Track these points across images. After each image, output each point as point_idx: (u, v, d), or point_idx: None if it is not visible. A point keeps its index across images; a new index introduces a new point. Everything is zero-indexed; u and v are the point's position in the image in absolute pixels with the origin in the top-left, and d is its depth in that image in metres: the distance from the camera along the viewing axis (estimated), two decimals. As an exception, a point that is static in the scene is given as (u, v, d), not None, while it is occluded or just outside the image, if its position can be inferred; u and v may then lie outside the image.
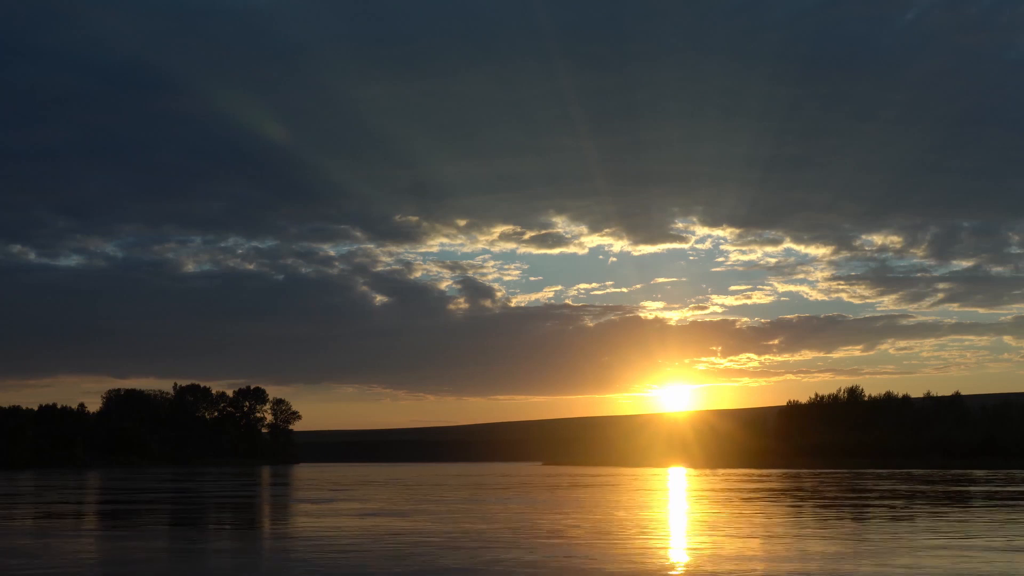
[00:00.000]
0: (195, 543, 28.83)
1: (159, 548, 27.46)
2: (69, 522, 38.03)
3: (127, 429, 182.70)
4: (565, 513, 40.00)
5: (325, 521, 36.29)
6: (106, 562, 24.08)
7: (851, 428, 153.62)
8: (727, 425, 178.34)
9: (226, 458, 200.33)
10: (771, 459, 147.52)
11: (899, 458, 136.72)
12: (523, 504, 47.41)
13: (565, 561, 23.15)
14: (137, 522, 38.05)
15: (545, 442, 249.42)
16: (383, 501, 51.08)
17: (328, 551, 25.26)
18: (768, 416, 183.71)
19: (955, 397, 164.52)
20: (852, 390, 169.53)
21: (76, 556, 25.03)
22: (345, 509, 43.80)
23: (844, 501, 48.68)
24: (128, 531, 33.42)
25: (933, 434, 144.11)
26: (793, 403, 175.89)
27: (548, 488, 68.09)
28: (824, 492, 59.05)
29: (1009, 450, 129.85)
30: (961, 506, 43.91)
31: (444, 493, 60.40)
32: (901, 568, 21.81)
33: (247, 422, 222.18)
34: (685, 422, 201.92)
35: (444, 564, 22.54)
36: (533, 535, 29.66)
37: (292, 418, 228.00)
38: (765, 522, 34.56)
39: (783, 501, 49.12)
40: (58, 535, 31.41)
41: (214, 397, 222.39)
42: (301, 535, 30.65)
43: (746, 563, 22.58)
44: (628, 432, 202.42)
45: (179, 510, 46.39)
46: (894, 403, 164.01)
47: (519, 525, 33.50)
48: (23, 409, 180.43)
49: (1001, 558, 23.76)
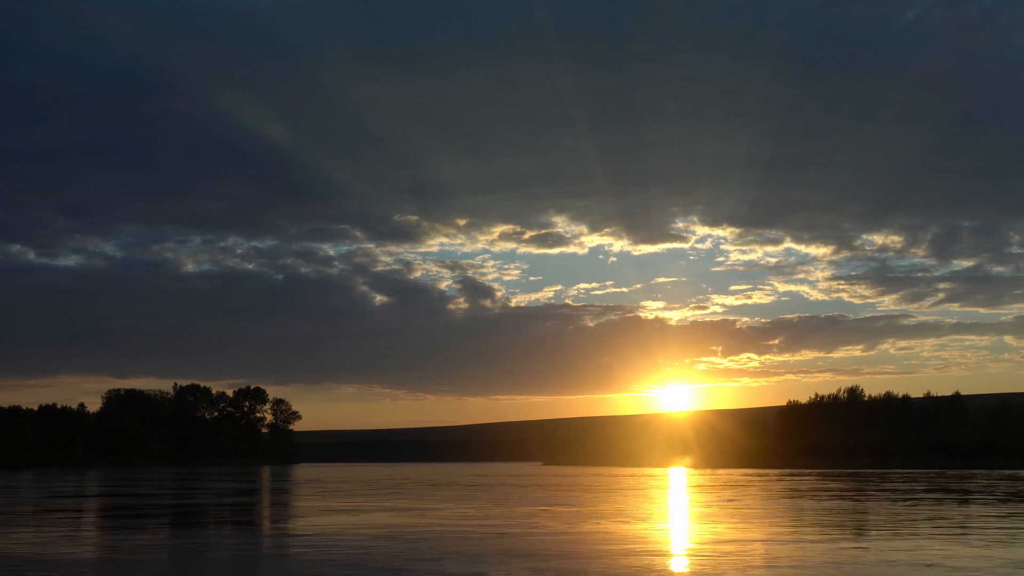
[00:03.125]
0: (198, 543, 28.86)
1: (187, 546, 27.46)
2: (88, 520, 38.05)
3: (127, 429, 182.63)
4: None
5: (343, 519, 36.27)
6: (106, 562, 24.04)
7: (851, 428, 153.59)
8: (727, 425, 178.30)
9: (226, 458, 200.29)
10: (771, 459, 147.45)
11: (899, 458, 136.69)
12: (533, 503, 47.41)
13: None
14: (195, 521, 37.98)
15: (545, 442, 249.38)
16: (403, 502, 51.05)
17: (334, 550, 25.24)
18: (768, 416, 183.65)
19: (955, 397, 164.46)
20: (852, 390, 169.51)
21: (76, 556, 25.02)
22: (370, 507, 43.77)
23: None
24: (180, 530, 33.37)
25: (933, 434, 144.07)
26: (793, 403, 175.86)
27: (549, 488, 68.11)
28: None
29: (1009, 450, 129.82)
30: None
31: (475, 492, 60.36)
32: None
33: (247, 422, 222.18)
34: (685, 422, 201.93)
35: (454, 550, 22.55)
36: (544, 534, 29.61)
37: (292, 418, 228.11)
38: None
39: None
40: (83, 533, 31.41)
41: (214, 397, 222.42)
42: (328, 532, 30.63)
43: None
44: (628, 432, 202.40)
45: (187, 510, 46.38)
46: (894, 403, 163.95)
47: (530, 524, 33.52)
48: (23, 409, 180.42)
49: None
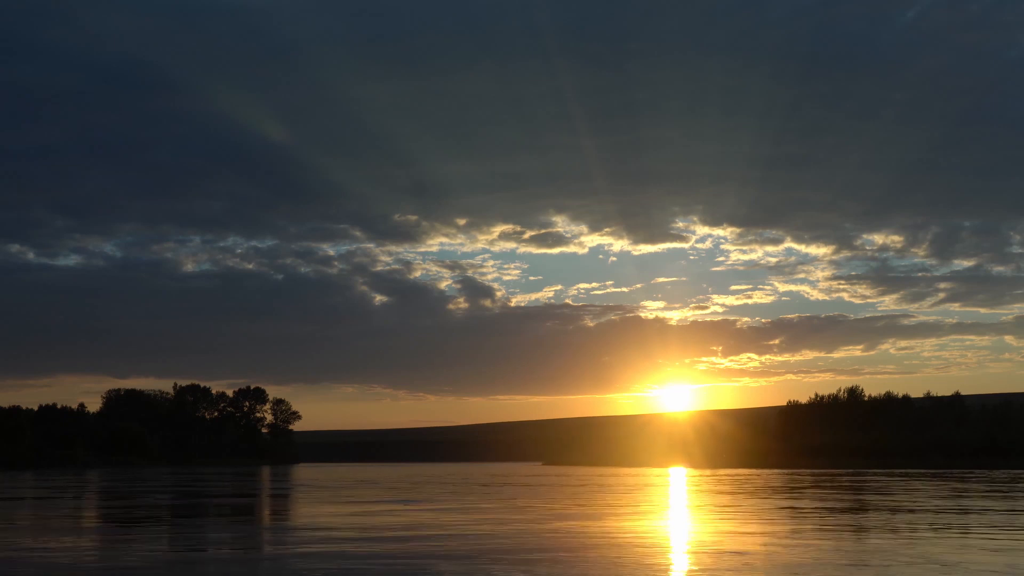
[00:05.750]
0: (202, 543, 28.81)
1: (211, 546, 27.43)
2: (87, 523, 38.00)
3: (127, 429, 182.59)
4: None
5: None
6: (110, 565, 24.01)
7: (851, 428, 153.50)
8: (727, 425, 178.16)
9: (226, 458, 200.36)
10: (771, 459, 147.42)
11: (899, 458, 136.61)
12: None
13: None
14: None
15: (545, 442, 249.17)
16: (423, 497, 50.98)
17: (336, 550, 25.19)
18: (768, 416, 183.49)
19: (955, 397, 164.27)
20: (852, 390, 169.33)
21: (77, 557, 24.98)
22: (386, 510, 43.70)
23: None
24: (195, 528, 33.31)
25: (933, 434, 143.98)
26: (793, 403, 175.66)
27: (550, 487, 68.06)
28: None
29: (1010, 450, 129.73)
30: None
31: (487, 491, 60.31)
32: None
33: (247, 422, 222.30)
34: (685, 422, 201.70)
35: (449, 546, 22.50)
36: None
37: (292, 418, 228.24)
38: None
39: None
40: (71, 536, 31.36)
41: (214, 397, 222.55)
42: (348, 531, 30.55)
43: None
44: (628, 432, 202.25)
45: (192, 510, 46.36)
46: (894, 403, 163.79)
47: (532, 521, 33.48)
48: (23, 409, 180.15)
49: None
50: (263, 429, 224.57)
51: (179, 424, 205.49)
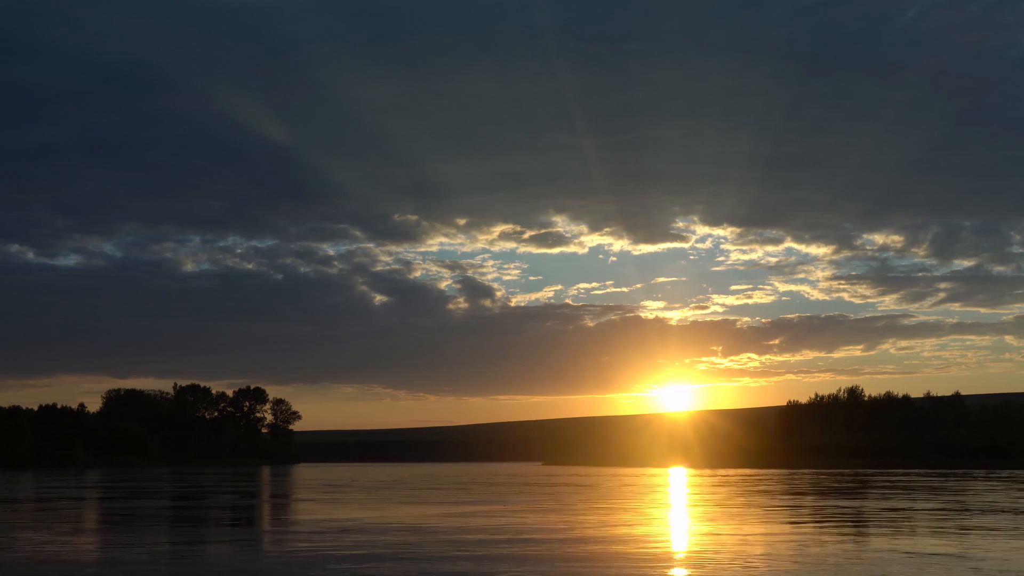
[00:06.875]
0: (202, 542, 28.83)
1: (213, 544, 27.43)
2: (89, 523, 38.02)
3: (127, 429, 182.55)
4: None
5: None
6: (111, 562, 24.01)
7: (851, 428, 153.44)
8: (727, 425, 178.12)
9: (226, 458, 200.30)
10: (771, 459, 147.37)
11: (899, 458, 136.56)
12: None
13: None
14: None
15: (545, 442, 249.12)
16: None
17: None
18: (768, 416, 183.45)
19: (956, 397, 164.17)
20: (852, 390, 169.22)
21: (79, 557, 24.99)
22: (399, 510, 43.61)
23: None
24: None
25: (933, 434, 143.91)
26: (793, 403, 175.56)
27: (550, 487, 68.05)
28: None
29: (1010, 450, 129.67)
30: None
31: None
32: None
33: (247, 422, 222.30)
34: (685, 422, 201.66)
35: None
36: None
37: (292, 418, 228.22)
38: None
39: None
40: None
41: (214, 397, 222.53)
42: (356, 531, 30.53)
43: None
44: (628, 432, 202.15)
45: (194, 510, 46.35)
46: (894, 403, 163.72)
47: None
48: (23, 409, 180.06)
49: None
50: (263, 429, 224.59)
51: (179, 424, 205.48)
